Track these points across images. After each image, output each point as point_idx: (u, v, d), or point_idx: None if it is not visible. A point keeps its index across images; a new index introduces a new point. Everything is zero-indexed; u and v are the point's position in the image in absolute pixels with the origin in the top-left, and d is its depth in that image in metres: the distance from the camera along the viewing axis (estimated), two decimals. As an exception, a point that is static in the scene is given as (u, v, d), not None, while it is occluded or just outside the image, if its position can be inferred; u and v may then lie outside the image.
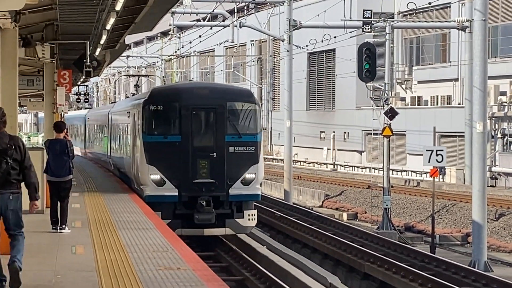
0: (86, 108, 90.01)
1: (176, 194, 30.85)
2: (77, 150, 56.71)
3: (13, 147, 13.06)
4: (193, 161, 31.27)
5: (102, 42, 30.59)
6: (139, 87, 68.31)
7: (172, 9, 43.08)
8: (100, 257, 17.47)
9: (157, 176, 30.64)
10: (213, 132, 32.79)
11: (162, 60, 77.41)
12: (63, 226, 21.69)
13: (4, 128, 13.41)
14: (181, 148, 31.40)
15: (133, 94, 60.87)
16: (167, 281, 14.98)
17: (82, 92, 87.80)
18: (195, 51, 79.30)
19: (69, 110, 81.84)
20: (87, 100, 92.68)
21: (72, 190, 24.33)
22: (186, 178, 30.88)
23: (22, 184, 13.66)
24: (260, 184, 37.43)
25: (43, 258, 17.65)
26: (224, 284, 14.60)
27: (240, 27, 58.82)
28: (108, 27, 25.20)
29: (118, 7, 20.71)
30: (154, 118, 32.86)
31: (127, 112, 40.49)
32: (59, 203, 22.06)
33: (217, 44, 69.79)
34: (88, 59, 32.35)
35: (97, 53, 34.46)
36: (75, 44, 28.46)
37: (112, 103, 65.46)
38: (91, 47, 30.14)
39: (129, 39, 45.79)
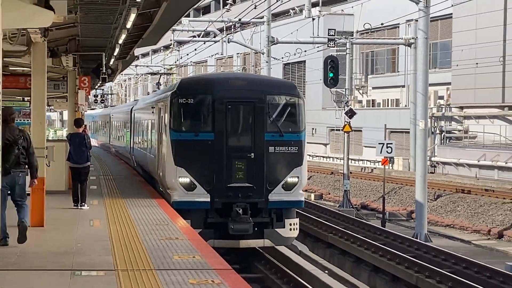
0: (111, 106, 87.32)
1: (208, 200, 22.20)
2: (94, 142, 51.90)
3: (22, 138, 14.46)
4: (228, 163, 22.70)
5: (115, 54, 30.41)
6: (160, 84, 58.28)
7: (173, 27, 42.54)
8: (113, 229, 17.57)
9: (186, 180, 22.18)
10: (250, 130, 23.46)
11: (164, 69, 77.10)
12: (83, 203, 21.86)
13: (13, 123, 15.12)
14: (214, 148, 22.66)
15: (154, 91, 50.86)
16: (167, 249, 15.19)
17: (99, 94, 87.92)
18: (191, 61, 79.36)
19: (93, 109, 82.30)
20: (103, 101, 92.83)
21: (90, 175, 24.51)
22: (219, 182, 22.32)
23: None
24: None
25: (66, 230, 17.77)
26: (213, 251, 14.25)
27: (228, 42, 58.66)
28: (120, 41, 25.15)
29: (129, 25, 20.73)
30: (184, 112, 23.60)
31: (151, 108, 29.63)
32: (79, 185, 22.13)
33: (209, 56, 69.51)
34: (104, 67, 32.22)
35: (111, 62, 34.29)
36: (93, 56, 28.42)
37: (135, 100, 54.78)
38: (106, 58, 30.05)
39: (137, 51, 45.51)
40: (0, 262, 8.17)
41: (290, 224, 21.63)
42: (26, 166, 15.24)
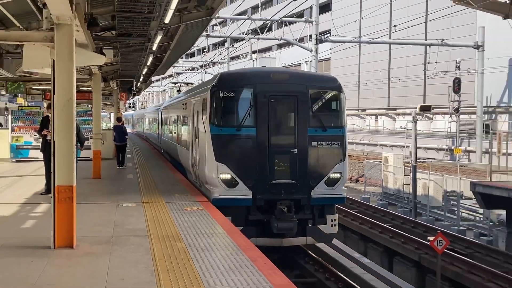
0: (141, 109, 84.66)
1: (250, 197, 14.34)
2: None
3: (77, 127, 13.46)
4: (271, 159, 14.62)
5: (140, 79, 30.56)
6: (180, 91, 42.09)
7: (173, 65, 42.21)
8: (141, 179, 17.28)
9: (227, 176, 14.33)
10: (294, 124, 15.00)
11: (170, 88, 76.26)
12: (123, 165, 21.61)
13: None
14: (257, 143, 14.53)
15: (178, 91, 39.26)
16: (172, 190, 14.87)
17: (131, 103, 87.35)
18: (184, 84, 79.07)
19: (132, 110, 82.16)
20: (133, 106, 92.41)
21: (127, 149, 24.11)
22: (262, 179, 14.42)
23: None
24: None
25: (113, 179, 17.74)
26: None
27: (205, 73, 58.76)
28: (144, 72, 25.40)
29: (148, 63, 21.03)
30: (224, 106, 15.10)
31: (182, 104, 20.55)
32: (120, 154, 21.86)
33: (195, 81, 69.34)
34: (134, 88, 32.31)
35: (138, 85, 34.34)
36: (127, 81, 28.43)
37: (161, 103, 45.35)
38: (135, 82, 30.16)
39: (153, 78, 45.39)
40: (78, 199, 8.47)
41: (331, 220, 14.44)
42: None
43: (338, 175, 14.13)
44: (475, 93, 38.57)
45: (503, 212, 17.96)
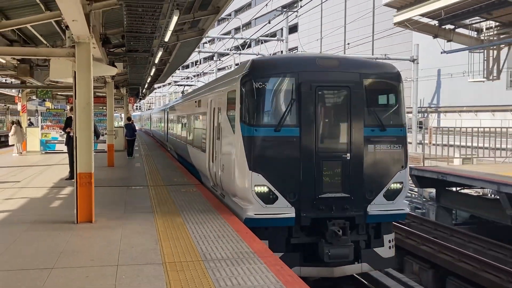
0: (148, 110, 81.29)
1: (293, 215, 8.16)
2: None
3: (94, 125, 13.25)
4: (318, 166, 8.31)
5: (145, 87, 30.44)
6: (183, 93, 35.45)
7: (172, 74, 41.96)
8: (148, 168, 16.90)
9: (264, 189, 8.03)
10: (346, 123, 8.54)
11: (170, 94, 75.71)
12: (132, 156, 21.32)
13: None
14: (301, 147, 8.24)
15: (182, 92, 34.26)
16: (172, 176, 14.79)
17: (139, 104, 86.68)
18: (181, 92, 78.52)
19: (140, 111, 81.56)
20: (139, 108, 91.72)
21: (135, 143, 23.97)
22: (308, 192, 8.24)
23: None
24: None
25: (124, 167, 17.35)
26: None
27: (197, 81, 59.28)
28: (148, 80, 25.25)
29: (152, 73, 20.92)
30: (260, 100, 8.31)
31: (195, 102, 14.77)
32: (130, 148, 21.57)
33: (189, 87, 69.03)
34: (140, 93, 32.16)
35: (143, 91, 34.14)
36: (135, 88, 28.30)
37: (166, 104, 38.81)
38: (141, 89, 30.01)
39: (156, 85, 45.13)
40: (96, 183, 8.45)
41: (389, 241, 9.14)
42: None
43: (399, 186, 9.07)
44: (411, 96, 38.95)
45: (433, 190, 18.21)
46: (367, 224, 9.00)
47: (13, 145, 23.18)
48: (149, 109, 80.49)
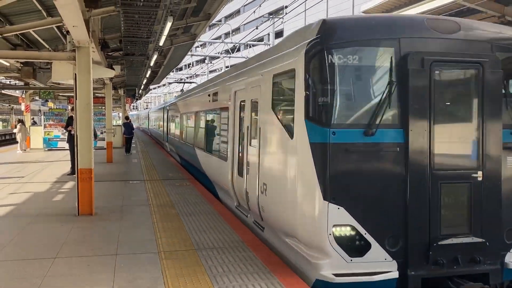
0: (145, 109, 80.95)
1: (396, 274, 3.66)
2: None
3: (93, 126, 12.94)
4: (435, 192, 3.71)
5: (141, 88, 30.26)
6: (183, 91, 26.60)
7: (166, 76, 41.73)
8: (143, 163, 16.84)
9: (349, 231, 3.59)
10: (475, 122, 3.84)
11: (164, 94, 75.23)
12: (129, 152, 21.16)
13: None
14: (408, 160, 3.71)
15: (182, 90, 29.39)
16: (167, 170, 14.69)
17: (135, 105, 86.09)
18: (174, 92, 78.23)
19: (137, 110, 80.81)
20: (136, 108, 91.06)
21: (133, 140, 23.85)
22: (419, 235, 3.73)
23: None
24: None
25: (122, 163, 17.06)
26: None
27: (190, 83, 58.58)
28: (144, 82, 25.11)
29: (147, 75, 20.81)
30: (341, 84, 3.52)
31: (208, 96, 9.86)
32: (127, 144, 21.35)
33: (180, 90, 68.11)
34: (137, 94, 31.98)
35: (139, 91, 33.93)
36: (132, 89, 28.13)
37: (165, 102, 36.93)
38: (138, 89, 29.85)
39: (151, 86, 44.82)
40: (96, 178, 8.44)
41: None
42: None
43: None
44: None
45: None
46: (501, 283, 5.03)
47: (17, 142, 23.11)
48: (146, 108, 79.66)
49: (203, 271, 5.47)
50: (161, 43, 12.03)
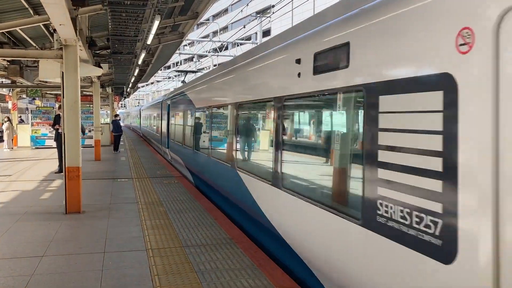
0: (135, 106, 79.30)
1: None
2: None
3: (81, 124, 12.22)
4: None
5: (130, 86, 30.10)
6: (185, 82, 19.13)
7: (155, 74, 41.60)
8: (132, 161, 16.93)
9: None
10: None
11: (153, 92, 74.96)
12: (117, 151, 21.15)
13: None
14: None
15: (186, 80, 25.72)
16: (156, 168, 14.88)
17: (123, 103, 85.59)
18: (163, 90, 78.16)
19: (124, 109, 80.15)
20: (124, 106, 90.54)
21: (121, 138, 23.76)
22: None
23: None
24: None
25: (110, 162, 16.99)
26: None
27: (181, 82, 58.32)
28: (132, 80, 24.97)
29: (136, 74, 20.70)
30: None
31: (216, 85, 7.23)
32: (115, 142, 21.39)
33: (171, 87, 68.24)
34: (125, 92, 31.82)
35: (128, 90, 33.73)
36: (120, 87, 27.99)
37: (164, 95, 28.54)
38: (126, 88, 29.69)
39: (140, 84, 44.53)
40: (84, 176, 8.36)
41: None
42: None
43: None
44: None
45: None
46: None
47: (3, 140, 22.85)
48: (137, 106, 78.82)
49: (191, 268, 5.48)
50: (149, 42, 11.97)
